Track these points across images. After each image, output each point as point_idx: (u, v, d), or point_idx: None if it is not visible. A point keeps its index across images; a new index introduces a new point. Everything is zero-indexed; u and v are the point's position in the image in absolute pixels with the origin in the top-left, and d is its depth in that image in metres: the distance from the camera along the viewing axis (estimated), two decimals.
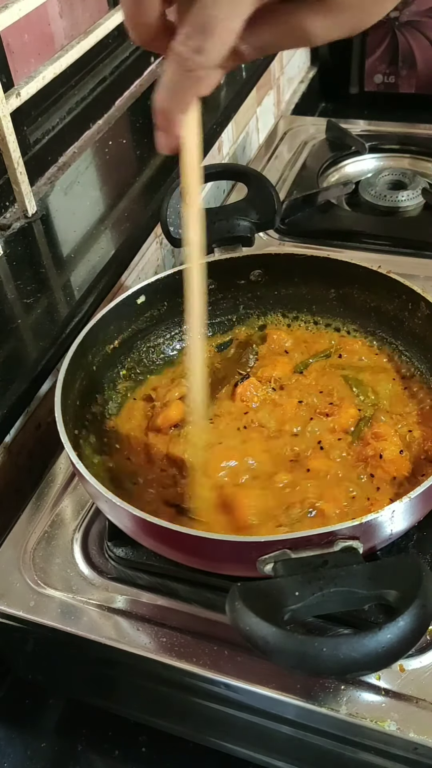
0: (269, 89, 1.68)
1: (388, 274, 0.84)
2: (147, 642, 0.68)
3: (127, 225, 1.07)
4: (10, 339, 0.88)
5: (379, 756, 0.63)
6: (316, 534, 0.57)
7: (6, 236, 1.05)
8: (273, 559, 0.58)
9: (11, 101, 1.00)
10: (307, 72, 1.97)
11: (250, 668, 0.65)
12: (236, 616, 0.53)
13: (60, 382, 0.74)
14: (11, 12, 0.97)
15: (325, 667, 0.51)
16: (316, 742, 0.66)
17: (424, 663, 0.64)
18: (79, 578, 0.73)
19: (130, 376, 0.89)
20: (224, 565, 0.65)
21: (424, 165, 1.36)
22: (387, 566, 0.57)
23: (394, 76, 1.81)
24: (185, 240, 0.59)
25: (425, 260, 1.12)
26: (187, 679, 0.67)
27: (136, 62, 1.47)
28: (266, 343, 0.90)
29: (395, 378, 0.84)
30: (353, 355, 0.88)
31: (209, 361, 0.90)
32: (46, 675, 0.82)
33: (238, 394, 0.82)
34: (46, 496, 0.82)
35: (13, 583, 0.73)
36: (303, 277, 0.92)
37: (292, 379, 0.85)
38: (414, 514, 0.64)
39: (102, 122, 1.36)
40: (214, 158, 1.37)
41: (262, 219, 0.91)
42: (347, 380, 0.83)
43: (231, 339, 0.94)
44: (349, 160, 1.39)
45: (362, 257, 0.90)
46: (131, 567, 0.73)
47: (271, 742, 0.71)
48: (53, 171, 1.23)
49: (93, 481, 0.65)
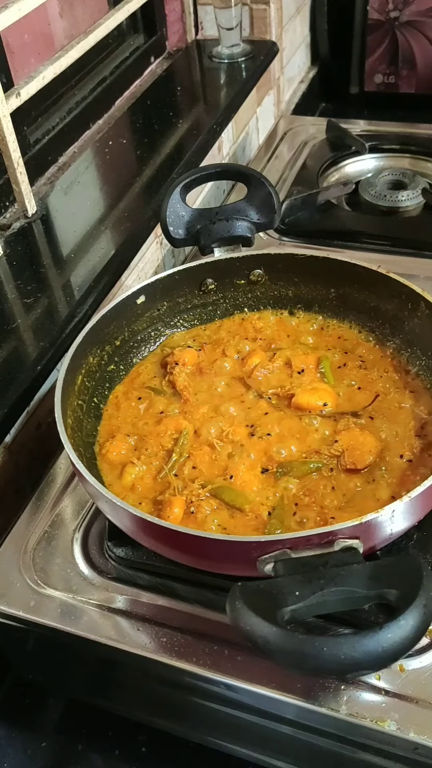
0: (269, 89, 1.68)
1: (388, 273, 0.84)
2: (147, 642, 0.68)
3: (127, 225, 1.07)
4: (10, 339, 0.88)
5: (379, 756, 0.63)
6: (316, 534, 0.57)
7: (6, 236, 1.05)
8: (273, 558, 0.58)
9: (11, 101, 1.00)
10: (307, 72, 1.97)
11: (250, 668, 0.65)
12: (237, 616, 0.53)
13: (60, 382, 0.74)
14: (11, 12, 0.97)
15: (326, 667, 0.51)
16: (316, 742, 0.66)
17: (424, 663, 0.64)
18: (79, 578, 0.73)
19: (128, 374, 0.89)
20: (224, 564, 0.65)
21: (424, 165, 1.36)
22: (387, 566, 0.57)
23: (394, 76, 1.81)
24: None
25: (425, 260, 1.12)
26: (187, 679, 0.67)
27: (136, 62, 1.47)
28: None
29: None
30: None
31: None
32: (46, 675, 0.82)
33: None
34: (46, 496, 0.82)
35: (13, 583, 0.73)
36: (303, 277, 0.92)
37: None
38: (414, 514, 0.64)
39: (102, 122, 1.36)
40: (214, 158, 1.37)
41: (262, 219, 0.91)
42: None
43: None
44: (349, 160, 1.39)
45: (362, 257, 0.90)
46: (131, 567, 0.73)
47: (271, 742, 0.71)
48: (53, 171, 1.23)
49: (93, 481, 0.65)
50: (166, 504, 0.72)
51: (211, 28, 1.56)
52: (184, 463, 0.77)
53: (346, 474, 0.74)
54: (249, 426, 0.80)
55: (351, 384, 0.84)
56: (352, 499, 0.72)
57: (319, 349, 0.89)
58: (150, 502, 0.74)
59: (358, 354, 0.88)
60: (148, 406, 0.85)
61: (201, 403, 0.84)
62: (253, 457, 0.77)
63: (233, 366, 0.88)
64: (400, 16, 1.73)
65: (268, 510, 0.71)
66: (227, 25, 1.47)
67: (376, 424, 0.79)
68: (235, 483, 0.74)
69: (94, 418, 0.83)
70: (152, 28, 1.51)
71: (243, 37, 1.53)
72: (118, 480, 0.77)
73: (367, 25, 1.77)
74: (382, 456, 0.75)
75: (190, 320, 0.95)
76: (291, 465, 0.75)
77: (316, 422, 0.79)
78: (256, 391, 0.84)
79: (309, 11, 1.86)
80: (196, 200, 1.33)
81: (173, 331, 0.94)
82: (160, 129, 1.29)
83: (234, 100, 1.39)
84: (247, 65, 1.48)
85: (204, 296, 0.94)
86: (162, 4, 1.51)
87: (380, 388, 0.83)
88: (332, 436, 0.78)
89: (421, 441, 0.76)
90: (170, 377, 0.87)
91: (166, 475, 0.76)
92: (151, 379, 0.89)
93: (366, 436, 0.76)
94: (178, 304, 0.93)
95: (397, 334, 0.87)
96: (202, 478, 0.75)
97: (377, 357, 0.88)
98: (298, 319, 0.94)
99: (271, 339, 0.92)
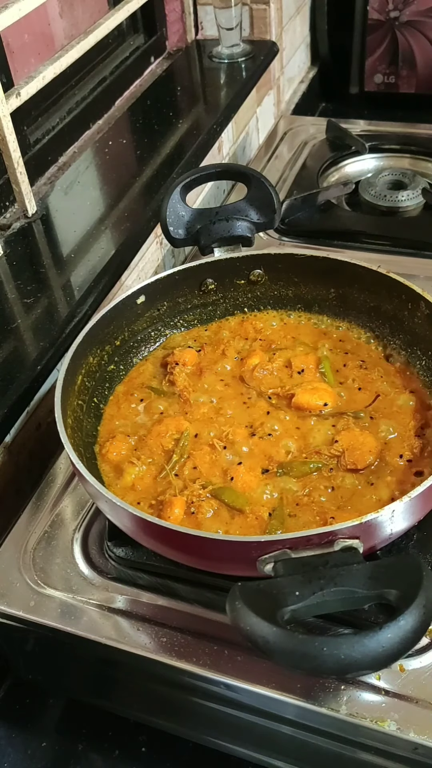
0: (269, 89, 1.68)
1: (388, 273, 0.84)
2: (147, 642, 0.68)
3: (127, 225, 1.07)
4: (10, 339, 0.88)
5: (379, 756, 0.63)
6: (316, 534, 0.57)
7: (6, 236, 1.05)
8: (273, 558, 0.58)
9: (11, 101, 1.00)
10: (307, 72, 1.97)
11: (250, 668, 0.65)
12: (237, 616, 0.53)
13: (60, 382, 0.74)
14: (11, 12, 0.97)
15: (326, 667, 0.51)
16: (316, 742, 0.66)
17: (424, 663, 0.64)
18: (79, 578, 0.73)
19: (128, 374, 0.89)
20: (224, 565, 0.65)
21: (424, 165, 1.36)
22: (387, 566, 0.57)
23: (394, 76, 1.81)
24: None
25: (425, 260, 1.12)
26: (187, 679, 0.67)
27: (136, 62, 1.47)
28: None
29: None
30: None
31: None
32: (46, 675, 0.82)
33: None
34: (46, 496, 0.82)
35: (13, 583, 0.73)
36: (303, 277, 0.92)
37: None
38: (414, 514, 0.64)
39: (102, 122, 1.36)
40: (214, 158, 1.37)
41: (262, 219, 0.91)
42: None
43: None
44: (349, 160, 1.39)
45: (362, 257, 0.90)
46: (131, 567, 0.73)
47: (271, 742, 0.71)
48: (53, 171, 1.23)
49: (93, 481, 0.65)
50: (166, 504, 0.72)
51: (211, 28, 1.56)
52: (184, 463, 0.77)
53: (346, 474, 0.74)
54: (249, 426, 0.80)
55: (351, 384, 0.84)
56: (352, 499, 0.72)
57: (319, 349, 0.89)
58: (150, 503, 0.74)
59: (358, 354, 0.88)
60: (148, 406, 0.85)
61: (201, 404, 0.84)
62: (253, 457, 0.77)
63: (233, 366, 0.88)
64: (400, 16, 1.73)
65: (269, 511, 0.71)
66: (227, 25, 1.47)
67: (376, 424, 0.79)
68: (235, 484, 0.74)
69: (94, 418, 0.83)
70: (152, 28, 1.51)
71: (243, 37, 1.53)
72: (118, 480, 0.76)
73: (367, 25, 1.77)
74: (382, 456, 0.75)
75: (190, 320, 0.95)
76: (291, 465, 0.75)
77: (317, 422, 0.79)
78: (256, 391, 0.84)
79: (309, 11, 1.86)
80: (196, 200, 1.33)
81: (173, 331, 0.94)
82: (160, 129, 1.29)
83: (234, 100, 1.39)
84: (247, 65, 1.48)
85: (204, 296, 0.94)
86: (162, 4, 1.51)
87: (380, 388, 0.83)
88: (332, 436, 0.78)
89: (420, 441, 0.76)
90: (170, 377, 0.87)
91: (167, 476, 0.76)
92: (151, 379, 0.89)
93: (366, 436, 0.76)
94: (178, 304, 0.93)
95: (397, 334, 0.87)
96: (202, 478, 0.75)
97: (377, 357, 0.88)
98: (298, 319, 0.94)
99: (271, 339, 0.92)
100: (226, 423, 0.81)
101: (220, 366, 0.88)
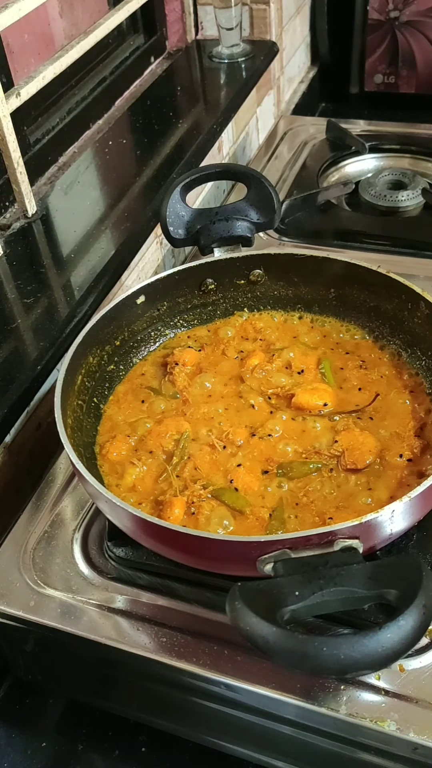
0: (269, 89, 1.68)
1: (388, 273, 0.84)
2: (147, 642, 0.68)
3: (127, 225, 1.07)
4: (10, 339, 0.88)
5: (379, 756, 0.63)
6: (316, 534, 0.57)
7: (6, 236, 1.05)
8: (273, 558, 0.58)
9: (11, 101, 1.00)
10: (307, 72, 1.97)
11: (250, 668, 0.65)
12: (236, 616, 0.53)
13: (60, 382, 0.74)
14: (11, 12, 0.97)
15: (325, 667, 0.51)
16: (316, 742, 0.66)
17: (424, 663, 0.64)
18: (79, 578, 0.73)
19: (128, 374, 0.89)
20: (224, 565, 0.65)
21: (424, 165, 1.36)
22: (387, 566, 0.57)
23: (394, 76, 1.81)
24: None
25: (425, 260, 1.12)
26: (187, 679, 0.67)
27: (136, 62, 1.47)
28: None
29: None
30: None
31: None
32: (46, 675, 0.81)
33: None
34: (46, 496, 0.82)
35: (13, 583, 0.73)
36: (303, 277, 0.92)
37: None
38: (414, 514, 0.64)
39: (102, 122, 1.36)
40: (214, 158, 1.37)
41: (261, 219, 0.91)
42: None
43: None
44: (349, 160, 1.39)
45: (362, 257, 0.90)
46: (131, 567, 0.73)
47: (271, 742, 0.71)
48: (53, 171, 1.23)
49: (93, 481, 0.65)
50: (166, 505, 0.72)
51: (211, 28, 1.56)
52: (185, 464, 0.77)
53: (346, 474, 0.74)
54: (249, 426, 0.80)
55: (351, 384, 0.84)
56: (351, 499, 0.72)
57: (319, 349, 0.89)
58: (150, 503, 0.74)
59: (358, 354, 0.88)
60: (149, 407, 0.85)
61: (201, 404, 0.84)
62: (253, 457, 0.77)
63: (233, 366, 0.88)
64: (400, 16, 1.73)
65: (269, 511, 0.72)
66: (227, 25, 1.47)
67: (376, 424, 0.79)
68: (235, 485, 0.74)
69: (94, 418, 0.83)
70: (152, 28, 1.51)
71: (243, 37, 1.53)
72: (119, 480, 0.77)
73: (367, 25, 1.77)
74: (381, 456, 0.75)
75: (190, 320, 0.95)
76: (291, 465, 0.75)
77: (316, 422, 0.79)
78: (256, 391, 0.84)
79: (309, 11, 1.86)
80: (196, 200, 1.33)
81: (173, 331, 0.94)
82: (160, 129, 1.29)
83: (234, 100, 1.39)
84: (247, 65, 1.48)
85: (204, 296, 0.94)
86: (162, 4, 1.51)
87: (380, 388, 0.83)
88: (332, 437, 0.78)
89: (420, 441, 0.76)
90: (170, 377, 0.87)
91: (168, 476, 0.76)
92: (151, 379, 0.89)
93: (366, 436, 0.76)
94: (178, 304, 0.93)
95: (397, 334, 0.87)
96: (203, 479, 0.75)
97: (377, 357, 0.88)
98: (298, 319, 0.94)
99: (271, 339, 0.92)
100: (226, 423, 0.81)
101: (220, 366, 0.88)
